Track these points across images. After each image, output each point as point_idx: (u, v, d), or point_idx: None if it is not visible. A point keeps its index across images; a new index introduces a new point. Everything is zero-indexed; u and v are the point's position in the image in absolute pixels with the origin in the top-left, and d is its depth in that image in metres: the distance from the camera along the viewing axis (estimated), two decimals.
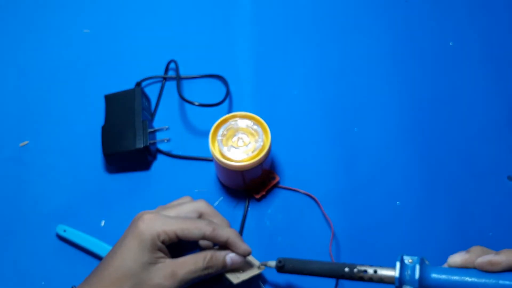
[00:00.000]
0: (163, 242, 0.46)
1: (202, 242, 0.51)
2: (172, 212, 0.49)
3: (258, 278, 0.55)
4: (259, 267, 0.51)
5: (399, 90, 0.68)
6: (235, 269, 0.50)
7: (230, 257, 0.49)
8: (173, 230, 0.46)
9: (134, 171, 0.63)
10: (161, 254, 0.46)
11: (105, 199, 0.61)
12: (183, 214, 0.49)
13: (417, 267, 0.41)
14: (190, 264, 0.46)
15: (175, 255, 0.48)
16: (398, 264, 0.42)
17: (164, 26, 0.74)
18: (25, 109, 0.68)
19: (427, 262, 0.43)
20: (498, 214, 0.59)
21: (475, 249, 0.42)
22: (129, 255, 0.45)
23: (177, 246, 0.49)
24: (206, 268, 0.47)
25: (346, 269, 0.45)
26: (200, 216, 0.50)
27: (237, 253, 0.49)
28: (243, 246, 0.49)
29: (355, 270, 0.45)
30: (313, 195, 0.60)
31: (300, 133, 0.65)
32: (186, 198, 0.53)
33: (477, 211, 0.59)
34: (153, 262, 0.45)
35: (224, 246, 0.49)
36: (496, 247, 0.57)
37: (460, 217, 0.59)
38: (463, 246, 0.56)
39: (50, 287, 0.56)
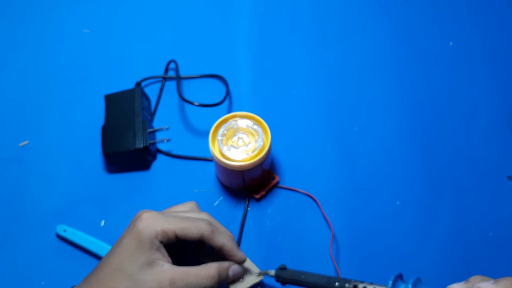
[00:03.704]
0: (161, 242, 0.45)
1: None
2: (173, 212, 0.49)
3: (257, 285, 0.53)
4: (258, 275, 0.50)
5: (399, 89, 0.68)
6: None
7: (232, 269, 0.48)
8: (173, 229, 0.45)
9: (134, 171, 0.63)
10: (160, 255, 0.45)
11: (105, 199, 0.61)
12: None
13: (410, 286, 0.40)
14: (192, 275, 0.45)
15: (172, 258, 0.47)
16: (390, 283, 0.41)
17: (164, 26, 0.74)
18: (25, 109, 0.68)
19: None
20: (498, 214, 0.59)
21: (475, 278, 0.40)
22: (127, 255, 0.44)
23: (176, 249, 0.49)
24: (209, 283, 0.45)
25: (337, 284, 0.44)
26: None
27: (232, 260, 0.48)
28: (238, 254, 0.48)
29: (346, 285, 0.44)
30: (313, 195, 0.60)
31: (300, 133, 0.65)
32: (192, 204, 0.52)
33: (477, 211, 0.59)
34: (150, 263, 0.44)
35: (219, 250, 0.48)
36: (496, 247, 0.57)
37: (460, 217, 0.59)
38: (463, 247, 0.57)
39: (50, 287, 0.56)
